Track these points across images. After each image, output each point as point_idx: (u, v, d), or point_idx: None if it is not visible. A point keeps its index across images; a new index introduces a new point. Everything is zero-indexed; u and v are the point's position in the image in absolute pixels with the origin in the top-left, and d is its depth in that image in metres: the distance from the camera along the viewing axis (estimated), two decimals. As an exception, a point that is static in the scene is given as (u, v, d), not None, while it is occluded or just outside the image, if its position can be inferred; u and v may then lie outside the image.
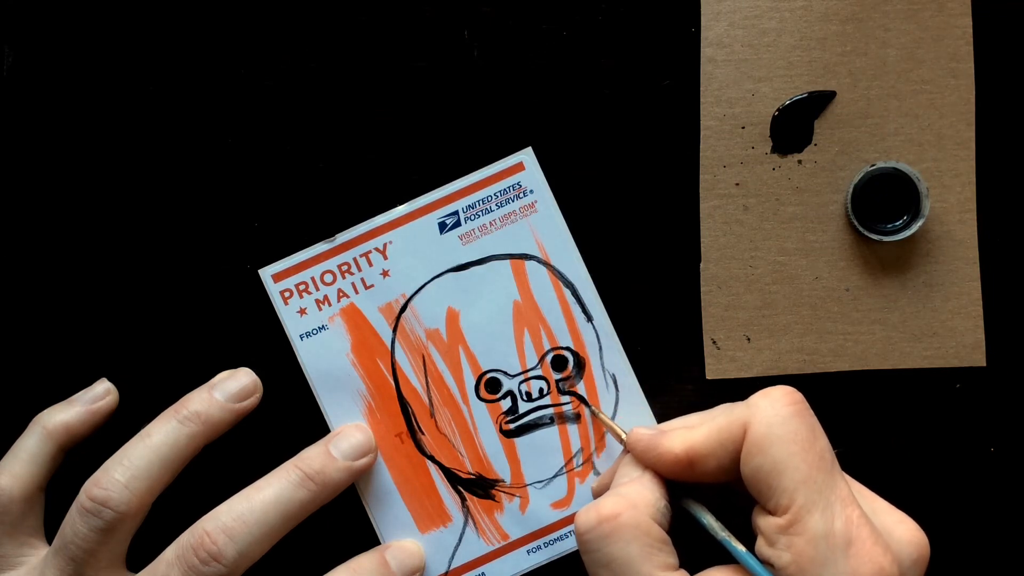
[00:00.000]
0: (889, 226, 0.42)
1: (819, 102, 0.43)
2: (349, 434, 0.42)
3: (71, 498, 0.39)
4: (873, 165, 0.42)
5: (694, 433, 0.37)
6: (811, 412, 0.35)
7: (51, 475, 0.42)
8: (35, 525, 0.42)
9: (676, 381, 0.43)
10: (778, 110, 0.43)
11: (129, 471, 0.39)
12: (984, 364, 0.43)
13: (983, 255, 0.43)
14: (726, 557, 0.36)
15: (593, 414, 0.43)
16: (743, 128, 0.43)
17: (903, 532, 0.35)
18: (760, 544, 0.35)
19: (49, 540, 0.42)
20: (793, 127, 0.43)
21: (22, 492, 0.41)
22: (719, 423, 0.36)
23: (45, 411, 0.42)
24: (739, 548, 0.35)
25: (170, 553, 0.39)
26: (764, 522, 0.35)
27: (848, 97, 0.43)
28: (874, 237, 0.42)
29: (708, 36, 0.43)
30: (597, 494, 0.42)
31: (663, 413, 0.43)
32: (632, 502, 0.36)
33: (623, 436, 0.40)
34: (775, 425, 0.35)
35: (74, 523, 0.39)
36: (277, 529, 0.39)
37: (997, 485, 0.43)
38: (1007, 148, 0.43)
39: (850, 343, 0.43)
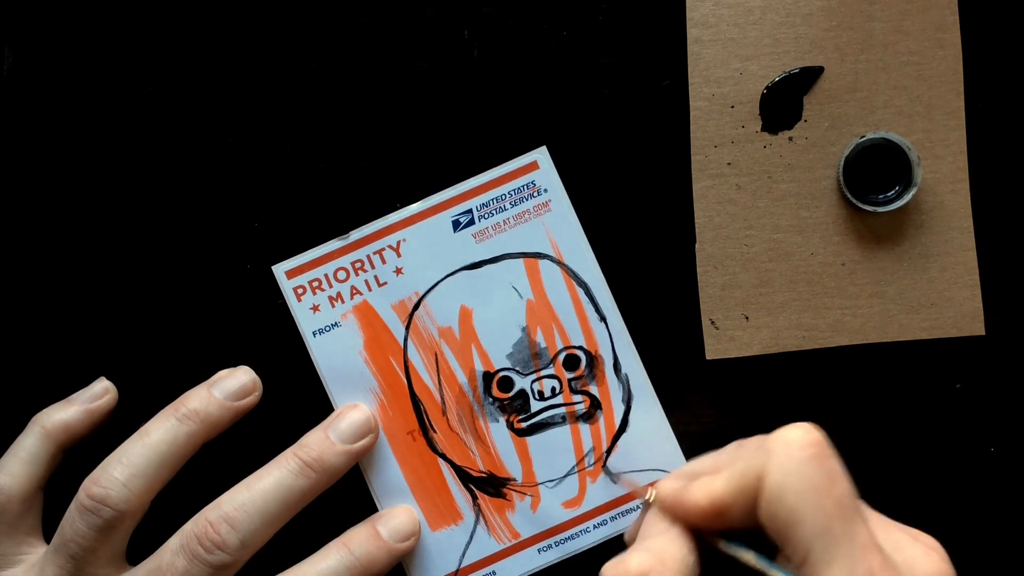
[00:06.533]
0: (882, 197, 0.42)
1: (807, 78, 0.43)
2: (347, 416, 0.42)
3: (70, 497, 0.39)
4: (863, 136, 0.42)
5: (716, 482, 0.35)
6: (830, 453, 0.33)
7: (50, 474, 0.42)
8: (33, 524, 0.42)
9: (676, 363, 0.43)
10: (767, 88, 0.43)
11: (128, 469, 0.39)
12: (983, 333, 0.43)
13: (977, 224, 0.43)
14: None
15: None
16: (732, 107, 0.43)
17: (926, 566, 0.33)
18: None
19: (47, 539, 0.42)
20: (782, 104, 0.43)
21: (21, 491, 0.41)
22: (738, 471, 0.34)
23: (44, 410, 0.42)
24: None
25: (175, 542, 0.39)
26: (786, 569, 0.33)
27: (836, 72, 0.43)
28: (868, 208, 0.42)
29: (693, 16, 0.43)
30: (629, 542, 0.41)
31: (667, 400, 0.43)
32: (660, 559, 0.35)
33: (649, 496, 0.38)
34: (790, 473, 0.32)
35: (73, 521, 0.39)
36: (278, 517, 0.39)
37: (997, 485, 0.43)
38: (996, 116, 0.43)
39: (848, 317, 0.43)
